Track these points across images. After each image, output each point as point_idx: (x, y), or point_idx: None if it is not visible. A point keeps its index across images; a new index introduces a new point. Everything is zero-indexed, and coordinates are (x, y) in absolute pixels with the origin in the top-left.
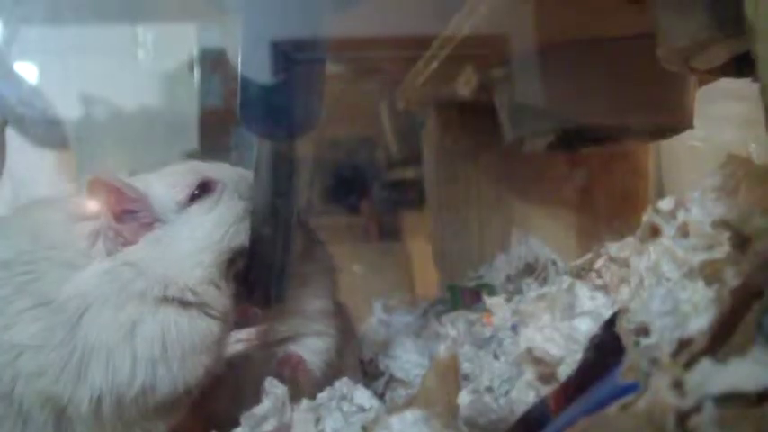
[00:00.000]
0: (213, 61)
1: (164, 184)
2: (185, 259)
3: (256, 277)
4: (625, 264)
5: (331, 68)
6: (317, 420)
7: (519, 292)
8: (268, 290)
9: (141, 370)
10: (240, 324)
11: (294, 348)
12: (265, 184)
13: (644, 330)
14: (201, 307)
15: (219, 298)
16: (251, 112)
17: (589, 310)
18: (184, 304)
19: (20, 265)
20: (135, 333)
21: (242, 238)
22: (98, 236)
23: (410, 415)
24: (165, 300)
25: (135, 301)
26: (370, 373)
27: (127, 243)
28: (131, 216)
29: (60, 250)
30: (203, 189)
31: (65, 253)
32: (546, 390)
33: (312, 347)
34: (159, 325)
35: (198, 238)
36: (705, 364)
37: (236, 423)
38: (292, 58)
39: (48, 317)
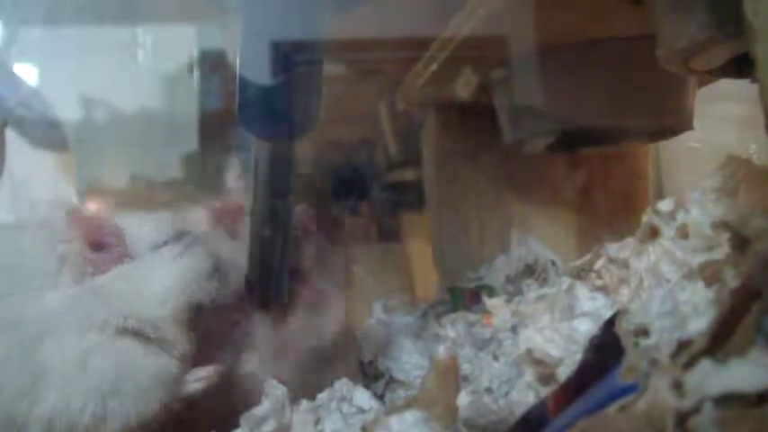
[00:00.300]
0: (213, 63)
1: (141, 227)
2: (151, 297)
3: (255, 278)
4: (625, 265)
5: (330, 69)
6: (317, 421)
7: (519, 293)
8: (267, 291)
9: (93, 400)
10: (200, 363)
11: None
12: (264, 186)
13: (643, 331)
14: (160, 343)
15: (179, 338)
16: (249, 113)
17: (589, 311)
18: (144, 339)
19: None
20: (91, 363)
21: (205, 295)
22: (66, 261)
23: (410, 416)
24: (125, 332)
25: (95, 330)
26: (369, 375)
27: (96, 272)
28: (105, 247)
29: (29, 272)
30: (178, 237)
31: (33, 275)
32: (545, 391)
33: None
34: (115, 357)
35: (165, 279)
36: (705, 365)
37: (236, 425)
38: (291, 58)
39: (8, 337)
